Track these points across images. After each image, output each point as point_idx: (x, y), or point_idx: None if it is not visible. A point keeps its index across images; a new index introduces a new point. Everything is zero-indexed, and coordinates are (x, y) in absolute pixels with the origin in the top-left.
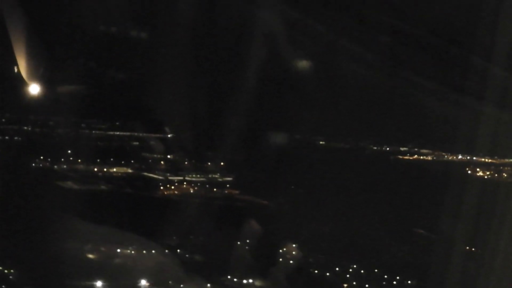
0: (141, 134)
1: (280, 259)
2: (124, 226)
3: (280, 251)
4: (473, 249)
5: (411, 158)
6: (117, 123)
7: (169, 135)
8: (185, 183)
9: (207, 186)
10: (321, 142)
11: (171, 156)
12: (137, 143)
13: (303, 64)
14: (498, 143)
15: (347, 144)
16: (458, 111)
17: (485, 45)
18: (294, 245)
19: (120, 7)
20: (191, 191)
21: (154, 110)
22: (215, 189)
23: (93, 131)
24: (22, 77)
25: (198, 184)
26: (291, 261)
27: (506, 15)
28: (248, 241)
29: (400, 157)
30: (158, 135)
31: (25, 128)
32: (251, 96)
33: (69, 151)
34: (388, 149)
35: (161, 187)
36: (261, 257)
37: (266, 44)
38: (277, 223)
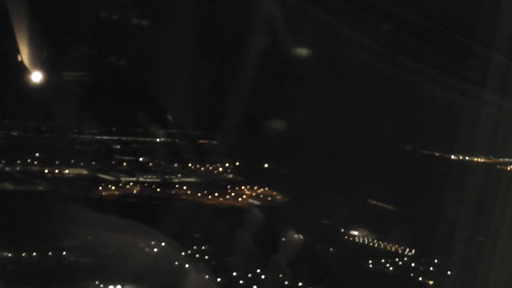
0: (128, 138)
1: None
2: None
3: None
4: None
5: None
6: (114, 128)
7: (157, 139)
8: (131, 183)
9: (153, 186)
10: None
11: (143, 158)
12: (118, 146)
13: (303, 51)
14: (499, 141)
15: (348, 134)
16: (460, 100)
17: (488, 33)
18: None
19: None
20: (134, 192)
21: (154, 104)
22: (158, 189)
23: (81, 135)
24: (24, 64)
25: (145, 184)
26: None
27: (509, 1)
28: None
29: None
30: (146, 138)
31: (12, 133)
32: (250, 87)
33: (37, 154)
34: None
35: (100, 188)
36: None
37: (267, 32)
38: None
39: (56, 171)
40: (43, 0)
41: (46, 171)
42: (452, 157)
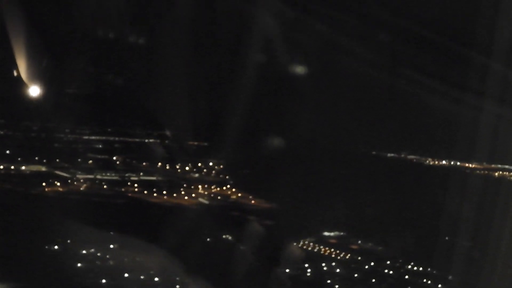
0: (116, 139)
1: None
2: None
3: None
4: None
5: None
6: (109, 129)
7: (147, 140)
8: (81, 180)
9: (103, 183)
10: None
11: (117, 157)
12: (100, 146)
13: (301, 63)
14: (497, 149)
15: (346, 146)
16: (459, 109)
17: (486, 42)
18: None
19: (120, 9)
20: (81, 188)
21: (152, 111)
22: (105, 186)
23: (68, 135)
24: (22, 79)
25: (97, 181)
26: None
27: (506, 11)
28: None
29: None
30: (134, 139)
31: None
32: (248, 98)
33: (7, 152)
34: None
35: (44, 184)
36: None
37: (264, 44)
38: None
39: (12, 167)
40: (41, 14)
41: (1, 167)
42: (450, 164)
